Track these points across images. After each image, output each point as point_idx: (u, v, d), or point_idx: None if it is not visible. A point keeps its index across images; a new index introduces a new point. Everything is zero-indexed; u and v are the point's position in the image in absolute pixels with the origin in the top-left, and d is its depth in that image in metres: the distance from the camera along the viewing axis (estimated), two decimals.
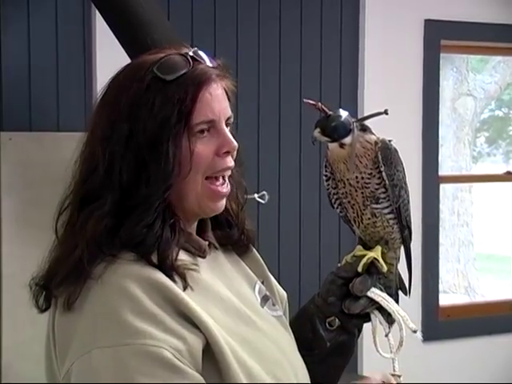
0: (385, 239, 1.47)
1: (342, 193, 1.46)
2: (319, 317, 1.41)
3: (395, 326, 1.41)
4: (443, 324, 3.91)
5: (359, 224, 1.47)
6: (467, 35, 3.90)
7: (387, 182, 1.42)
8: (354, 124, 1.41)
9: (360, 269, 1.41)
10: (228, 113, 1.28)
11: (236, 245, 1.40)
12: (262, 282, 1.40)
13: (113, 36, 2.66)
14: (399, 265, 1.53)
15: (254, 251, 1.44)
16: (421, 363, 3.63)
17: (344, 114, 1.41)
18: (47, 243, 1.25)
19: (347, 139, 1.41)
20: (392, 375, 1.41)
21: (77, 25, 3.17)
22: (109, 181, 1.20)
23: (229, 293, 1.27)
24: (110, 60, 2.80)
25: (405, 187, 1.46)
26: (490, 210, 7.43)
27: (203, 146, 1.24)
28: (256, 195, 3.20)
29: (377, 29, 3.66)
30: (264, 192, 3.25)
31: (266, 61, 3.50)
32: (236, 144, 1.27)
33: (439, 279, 3.94)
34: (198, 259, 1.28)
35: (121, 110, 1.22)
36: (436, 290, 3.90)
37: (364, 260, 1.41)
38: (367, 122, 1.46)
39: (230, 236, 1.38)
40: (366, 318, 1.42)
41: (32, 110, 3.11)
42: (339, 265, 1.45)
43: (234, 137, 1.28)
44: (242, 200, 1.39)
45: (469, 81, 5.93)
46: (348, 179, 1.43)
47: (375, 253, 1.43)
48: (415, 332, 1.41)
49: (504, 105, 6.63)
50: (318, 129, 1.41)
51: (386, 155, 1.41)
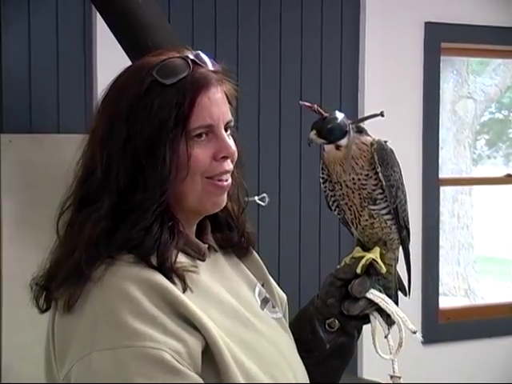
0: (383, 240, 1.46)
1: (339, 195, 1.46)
2: (319, 318, 1.41)
3: (395, 328, 1.41)
4: (443, 327, 3.91)
5: (357, 225, 1.47)
6: (467, 38, 3.91)
7: (384, 183, 1.42)
8: (350, 126, 1.41)
9: (359, 270, 1.40)
10: (228, 117, 1.28)
11: (236, 247, 1.39)
12: (262, 285, 1.40)
13: (113, 37, 2.66)
14: (398, 266, 1.53)
15: (255, 254, 1.44)
16: (421, 366, 3.63)
17: (340, 116, 1.41)
18: (47, 244, 1.25)
19: (343, 141, 1.41)
20: (391, 377, 1.41)
21: (77, 26, 3.17)
22: (106, 183, 1.20)
23: (228, 295, 1.27)
24: (111, 61, 2.80)
25: (401, 187, 1.46)
26: (490, 213, 7.42)
27: (200, 150, 1.23)
28: (256, 197, 3.21)
29: (377, 31, 3.66)
30: (264, 194, 3.26)
31: (267, 62, 3.50)
32: (235, 149, 1.27)
33: (439, 282, 3.94)
34: (198, 262, 1.27)
35: (120, 112, 1.21)
36: (436, 293, 3.90)
37: (363, 261, 1.41)
38: (364, 124, 1.47)
39: (230, 238, 1.38)
40: (366, 320, 1.42)
41: (32, 112, 3.11)
42: (338, 267, 1.45)
43: (235, 141, 1.28)
44: (243, 202, 1.39)
45: (469, 83, 5.93)
46: (345, 181, 1.43)
47: (374, 254, 1.43)
48: (415, 333, 1.41)
49: (504, 107, 6.63)
50: (314, 131, 1.41)
51: (382, 156, 1.41)
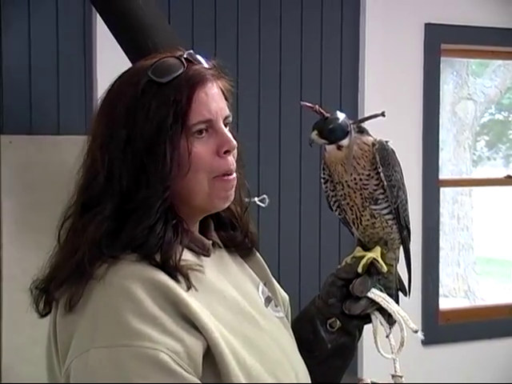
0: (384, 240, 1.47)
1: (341, 195, 1.46)
2: (320, 318, 1.41)
3: (396, 327, 1.41)
4: (443, 328, 3.91)
5: (358, 225, 1.47)
6: (467, 39, 3.91)
7: (385, 183, 1.42)
8: (352, 126, 1.42)
9: (360, 269, 1.41)
10: (226, 112, 1.28)
11: (239, 247, 1.40)
12: (265, 285, 1.40)
13: (113, 38, 2.66)
14: (398, 266, 1.53)
15: (257, 254, 1.44)
16: (420, 367, 3.62)
17: (341, 117, 1.42)
18: (47, 246, 1.25)
19: (344, 141, 1.41)
20: (393, 376, 1.41)
21: (77, 27, 3.17)
22: (109, 186, 1.21)
23: (234, 291, 1.28)
24: (111, 62, 2.80)
25: (403, 188, 1.46)
26: (490, 214, 7.42)
27: (202, 147, 1.24)
28: (256, 199, 3.21)
29: (377, 32, 3.66)
30: (264, 195, 3.26)
31: (267, 63, 3.50)
32: (235, 143, 1.27)
33: (439, 283, 3.93)
34: (203, 258, 1.28)
35: (118, 117, 1.22)
36: (436, 294, 3.89)
37: (364, 261, 1.41)
38: (365, 124, 1.47)
39: (234, 238, 1.39)
40: (367, 319, 1.42)
41: (32, 113, 3.11)
42: (339, 266, 1.45)
43: (234, 136, 1.28)
44: (246, 202, 1.39)
45: (469, 85, 5.93)
46: (346, 181, 1.43)
47: (375, 253, 1.43)
48: (416, 332, 1.41)
49: (504, 109, 6.63)
50: (316, 131, 1.41)
51: (384, 156, 1.42)
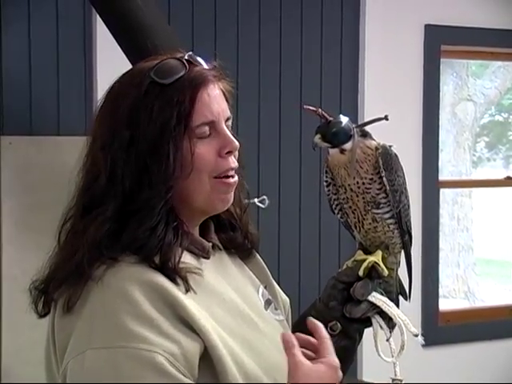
0: (385, 244, 1.47)
1: (343, 198, 1.46)
2: (320, 322, 1.41)
3: (396, 331, 1.41)
4: (443, 329, 3.91)
5: (360, 229, 1.47)
6: (467, 40, 3.91)
7: (388, 188, 1.43)
8: (355, 130, 1.42)
9: (361, 273, 1.41)
10: (227, 113, 1.29)
11: (239, 248, 1.40)
12: (265, 287, 1.40)
13: (113, 39, 2.66)
14: (399, 270, 1.53)
15: (258, 256, 1.44)
16: (421, 368, 3.62)
17: (344, 120, 1.42)
18: (47, 246, 1.25)
19: (348, 145, 1.41)
20: (393, 380, 1.41)
21: (77, 27, 3.17)
22: (111, 187, 1.20)
23: (233, 293, 1.28)
24: (111, 63, 2.81)
25: (405, 192, 1.47)
26: (490, 215, 7.42)
27: (205, 148, 1.24)
28: (256, 200, 3.20)
29: (377, 33, 3.66)
30: (264, 197, 3.25)
31: (267, 65, 3.50)
32: (237, 143, 1.27)
33: (439, 284, 3.94)
34: (202, 260, 1.28)
35: (120, 118, 1.22)
36: (436, 295, 3.89)
37: (365, 264, 1.42)
38: (368, 128, 1.46)
39: (234, 239, 1.39)
40: (367, 323, 1.42)
41: (32, 114, 3.11)
42: (340, 270, 1.45)
43: (235, 137, 1.28)
44: (245, 203, 1.39)
45: (469, 86, 5.93)
46: (349, 185, 1.43)
47: (376, 257, 1.43)
48: (416, 336, 1.41)
49: (504, 110, 6.63)
50: (319, 135, 1.41)
51: (387, 160, 1.42)
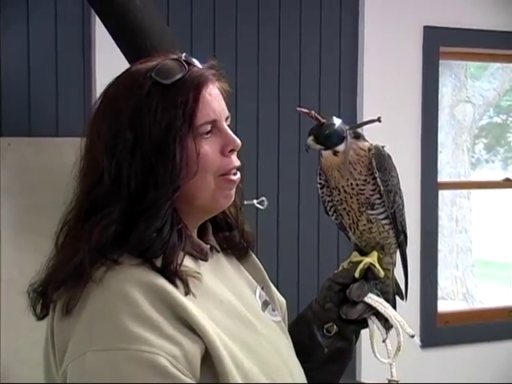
0: (381, 244, 1.47)
1: (337, 200, 1.46)
2: (317, 323, 1.42)
3: (393, 332, 1.41)
4: (441, 331, 3.91)
5: (355, 230, 1.47)
6: (466, 42, 3.91)
7: (382, 188, 1.43)
8: (348, 131, 1.42)
9: (357, 274, 1.41)
10: (227, 112, 1.30)
11: (236, 248, 1.40)
12: (262, 288, 1.40)
13: (112, 40, 2.66)
14: (396, 270, 1.53)
15: (254, 256, 1.44)
16: (419, 370, 3.62)
17: (337, 122, 1.42)
18: (46, 248, 1.24)
19: (341, 147, 1.41)
20: (389, 381, 1.41)
21: (76, 28, 3.17)
22: (116, 190, 1.20)
23: (231, 295, 1.28)
24: (110, 64, 2.79)
25: (399, 192, 1.47)
26: (489, 217, 7.43)
27: (209, 147, 1.25)
28: (255, 201, 3.21)
29: (376, 35, 3.66)
30: (263, 198, 3.25)
31: (265, 66, 3.50)
32: (240, 142, 1.28)
33: (437, 285, 3.93)
34: (200, 262, 1.28)
35: (122, 119, 1.21)
36: (434, 297, 3.89)
37: (361, 266, 1.42)
38: (363, 129, 1.47)
39: (231, 238, 1.39)
40: (364, 324, 1.42)
41: (31, 115, 3.11)
42: (336, 271, 1.45)
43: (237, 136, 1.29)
44: (240, 203, 1.39)
45: (467, 87, 5.94)
46: (343, 186, 1.44)
47: (371, 258, 1.44)
48: (413, 337, 1.41)
49: (502, 111, 6.64)
50: (312, 137, 1.42)
51: (380, 161, 1.42)
